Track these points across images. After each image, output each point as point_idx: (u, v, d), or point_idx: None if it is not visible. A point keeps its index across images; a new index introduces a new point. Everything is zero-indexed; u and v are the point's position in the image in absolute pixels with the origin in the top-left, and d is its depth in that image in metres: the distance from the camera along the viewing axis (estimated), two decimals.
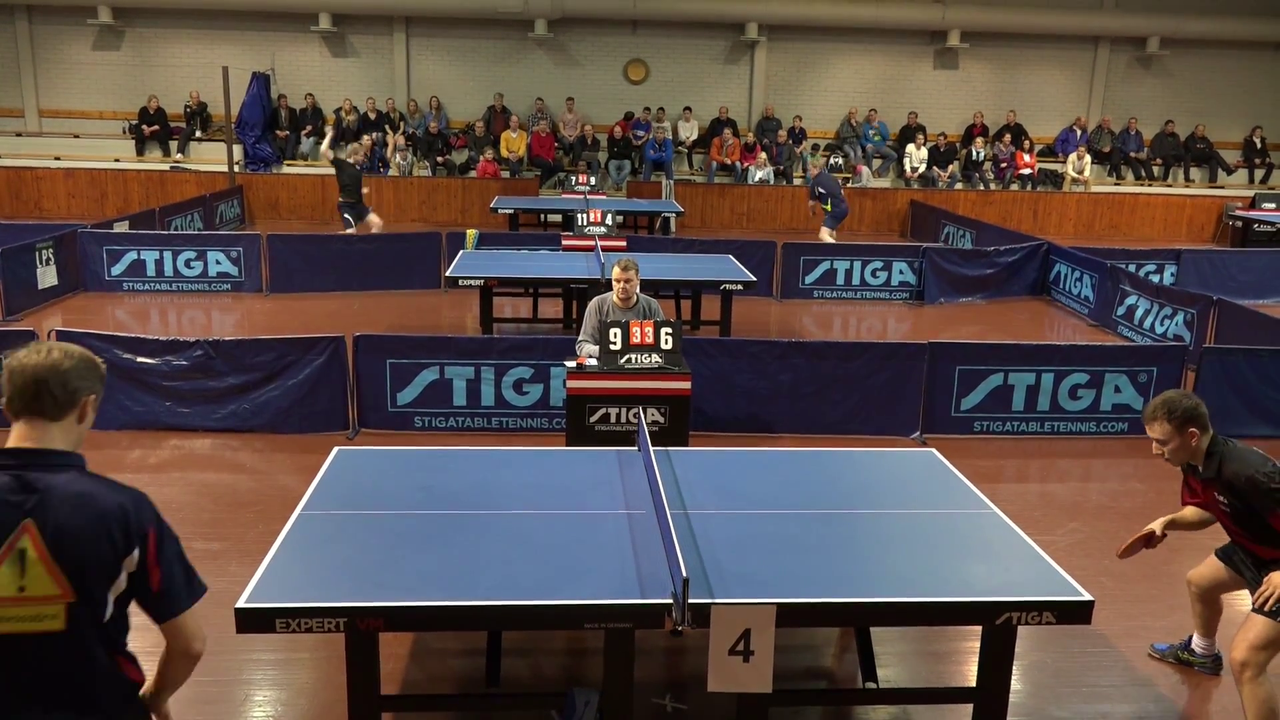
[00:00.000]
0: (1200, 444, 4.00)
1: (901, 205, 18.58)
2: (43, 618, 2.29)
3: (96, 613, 2.34)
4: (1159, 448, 4.03)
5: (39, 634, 2.29)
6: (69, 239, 11.83)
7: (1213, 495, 4.04)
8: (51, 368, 2.37)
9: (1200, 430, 3.97)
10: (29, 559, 2.27)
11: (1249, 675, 3.90)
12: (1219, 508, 4.07)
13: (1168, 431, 3.97)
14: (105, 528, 2.32)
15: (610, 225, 11.99)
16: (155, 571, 2.39)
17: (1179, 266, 13.03)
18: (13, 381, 2.37)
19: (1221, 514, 4.09)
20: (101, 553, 2.31)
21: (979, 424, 7.91)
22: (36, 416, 2.37)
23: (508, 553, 3.83)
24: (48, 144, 19.12)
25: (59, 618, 2.30)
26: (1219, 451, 3.99)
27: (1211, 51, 20.65)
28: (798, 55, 20.39)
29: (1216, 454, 3.99)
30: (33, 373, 2.35)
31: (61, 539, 2.28)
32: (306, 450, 7.02)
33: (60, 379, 2.37)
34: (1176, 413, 3.94)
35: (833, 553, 3.95)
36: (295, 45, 19.66)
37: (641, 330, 6.57)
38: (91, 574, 2.31)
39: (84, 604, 2.32)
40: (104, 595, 2.34)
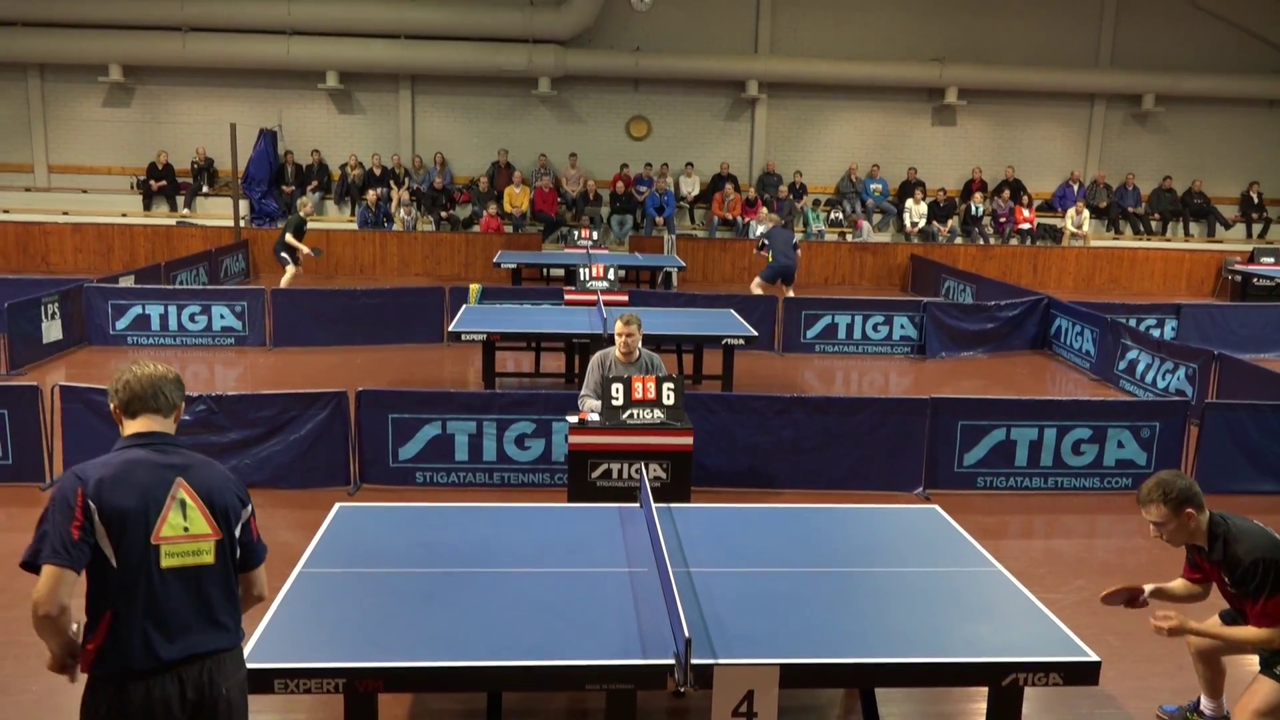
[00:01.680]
0: (1199, 524, 3.93)
1: (902, 260, 18.69)
2: (200, 553, 2.95)
3: (231, 550, 3.02)
4: (1156, 530, 3.96)
5: (198, 567, 2.94)
6: (74, 293, 11.91)
7: (1220, 575, 3.99)
8: (163, 376, 3.06)
9: (1197, 510, 3.90)
10: (189, 506, 2.95)
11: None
12: (1227, 588, 4.01)
13: (1164, 514, 3.89)
14: (231, 483, 3.08)
15: (612, 280, 12.06)
16: (254, 526, 3.12)
17: (1179, 321, 13.06)
18: (130, 387, 3.02)
19: (1229, 594, 4.03)
20: (232, 502, 3.03)
21: (982, 479, 7.88)
22: (155, 413, 3.03)
23: (508, 612, 3.80)
24: (56, 199, 19.32)
25: (210, 553, 2.97)
26: (1221, 532, 3.92)
27: (1207, 108, 20.92)
28: (798, 112, 20.66)
29: (1219, 535, 3.92)
30: (149, 379, 3.03)
31: (210, 491, 2.99)
32: (307, 506, 6.99)
33: (170, 385, 3.07)
34: (1172, 494, 3.86)
35: (837, 612, 3.92)
36: (302, 102, 19.95)
37: (643, 385, 6.58)
38: (231, 517, 3.02)
39: (226, 542, 3.00)
40: (234, 536, 3.03)
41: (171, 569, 2.90)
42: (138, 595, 2.87)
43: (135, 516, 2.86)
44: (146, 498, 2.89)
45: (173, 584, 2.90)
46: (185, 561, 2.92)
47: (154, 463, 2.95)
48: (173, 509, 2.92)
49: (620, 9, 19.74)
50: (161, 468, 2.95)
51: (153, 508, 2.89)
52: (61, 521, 2.82)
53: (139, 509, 2.87)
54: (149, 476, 2.92)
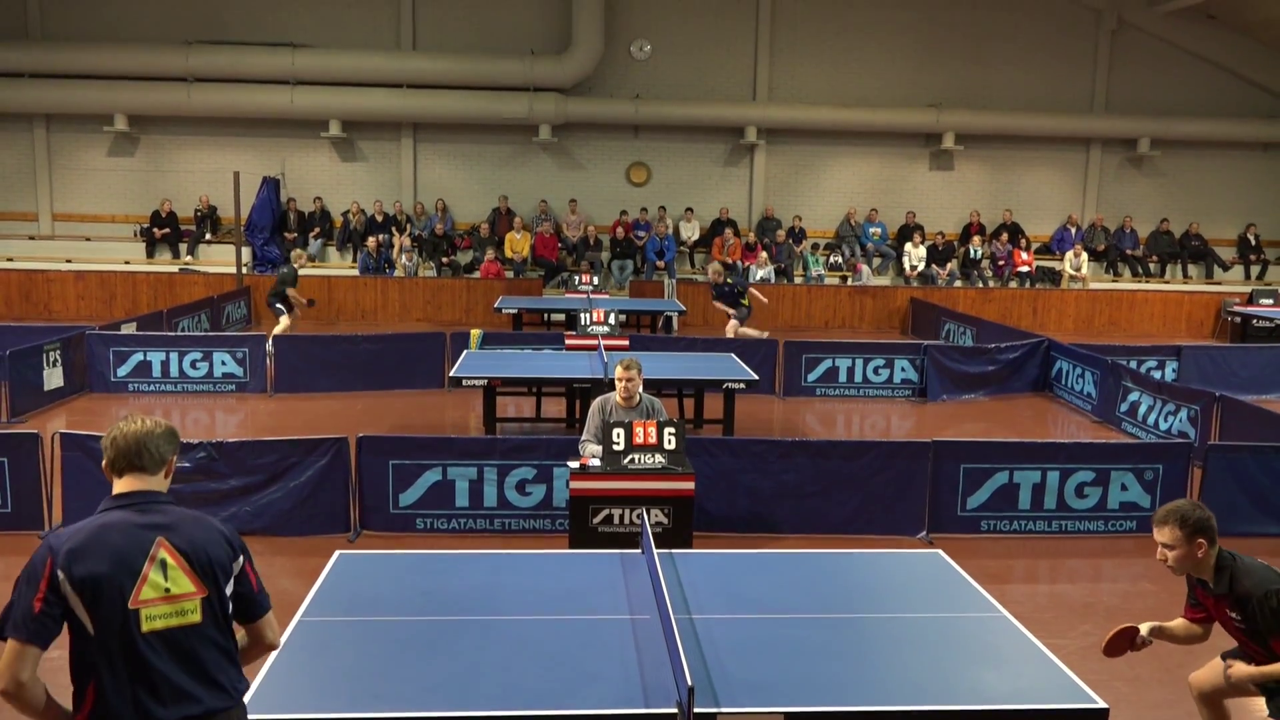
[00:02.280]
0: (1207, 557, 3.92)
1: (901, 303, 18.76)
2: (185, 613, 2.87)
3: (222, 607, 2.95)
4: (1164, 552, 3.95)
5: (183, 628, 2.86)
6: (76, 340, 11.93)
7: (1224, 611, 3.96)
8: (149, 432, 3.00)
9: (1209, 543, 3.89)
10: (169, 565, 2.87)
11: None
12: (1232, 624, 3.97)
13: (1176, 538, 3.89)
14: (221, 536, 3.00)
15: (613, 324, 12.10)
16: (252, 575, 3.05)
17: (1180, 362, 13.06)
18: (116, 445, 2.97)
19: (1235, 630, 3.99)
20: (220, 555, 2.95)
21: (986, 523, 7.84)
22: (140, 471, 2.97)
23: (509, 660, 3.76)
24: (60, 247, 19.44)
25: (196, 612, 2.89)
26: (1229, 567, 3.91)
27: (1202, 152, 21.12)
28: (796, 157, 20.86)
29: (1227, 570, 3.91)
30: (134, 436, 2.98)
31: (193, 547, 2.90)
32: (307, 553, 6.95)
33: (158, 440, 3.01)
34: (1189, 522, 3.87)
35: (841, 659, 3.88)
36: (305, 150, 20.15)
37: (645, 430, 6.58)
38: (219, 573, 2.93)
39: (215, 599, 2.92)
40: (224, 590, 2.95)
41: (154, 632, 2.83)
42: (120, 661, 2.81)
43: (109, 582, 2.79)
44: (121, 562, 2.81)
45: (158, 647, 2.83)
46: (169, 623, 2.85)
47: (132, 524, 2.88)
48: (152, 570, 2.84)
49: (620, 57, 20.02)
50: (140, 529, 2.87)
51: (128, 572, 2.81)
52: (26, 593, 2.78)
53: (112, 574, 2.79)
54: (124, 540, 2.84)
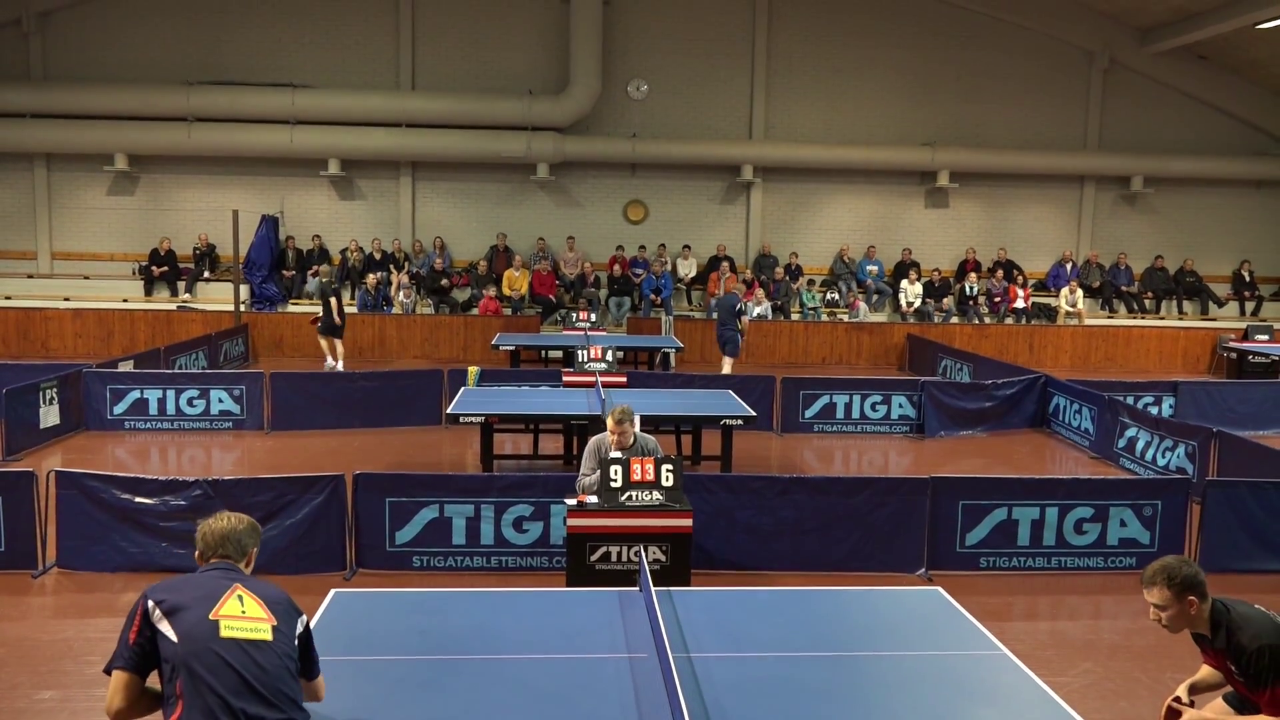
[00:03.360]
0: (1201, 612, 3.87)
1: (898, 339, 18.80)
2: (258, 630, 3.32)
3: (289, 640, 3.38)
4: (1156, 613, 3.90)
5: (255, 641, 3.29)
6: (73, 378, 11.92)
7: (1226, 665, 3.92)
8: (233, 529, 3.64)
9: (1199, 598, 3.85)
10: (245, 599, 3.39)
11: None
12: (1233, 677, 3.94)
13: (1166, 598, 3.85)
14: (285, 596, 3.51)
15: (610, 361, 12.11)
16: (311, 641, 3.51)
17: (1177, 398, 13.08)
18: (205, 539, 3.62)
19: (1237, 684, 3.95)
20: (287, 610, 3.46)
21: (985, 559, 7.80)
22: (225, 558, 3.61)
23: (506, 700, 3.73)
24: (58, 285, 19.47)
25: (268, 632, 3.33)
26: (1225, 622, 3.86)
27: (1195, 189, 21.30)
28: (792, 195, 21.00)
29: (1222, 625, 3.86)
30: (220, 533, 3.62)
31: (266, 595, 3.44)
32: (303, 591, 6.83)
33: (238, 537, 3.63)
34: (1176, 579, 3.82)
35: (840, 698, 3.85)
36: (304, 189, 20.27)
37: (642, 467, 6.56)
38: (283, 616, 3.41)
39: (283, 629, 3.37)
40: (293, 631, 3.42)
41: (232, 639, 3.26)
42: (203, 663, 3.22)
43: (195, 603, 3.33)
44: (203, 594, 3.36)
45: (235, 653, 3.24)
46: (245, 634, 3.29)
47: (215, 577, 3.47)
48: (231, 598, 3.37)
49: (617, 97, 20.21)
50: (221, 579, 3.45)
51: (209, 600, 3.34)
52: (125, 630, 3.34)
53: (198, 599, 3.34)
54: (208, 582, 3.43)
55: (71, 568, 7.33)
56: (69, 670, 5.82)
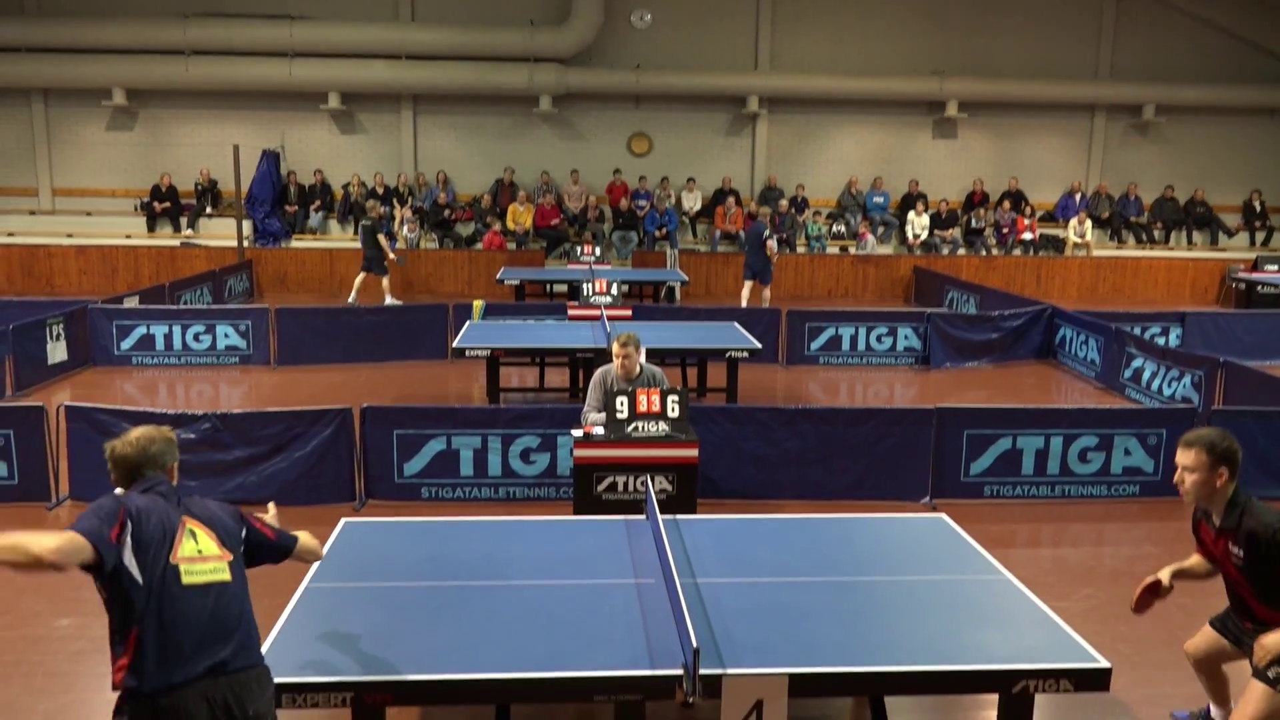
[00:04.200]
0: (1225, 488, 3.93)
1: (905, 272, 18.71)
2: (216, 571, 3.16)
3: (242, 571, 3.26)
4: (1183, 475, 3.95)
5: (213, 583, 3.14)
6: (79, 315, 11.94)
7: (1225, 546, 3.98)
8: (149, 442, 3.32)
9: (1230, 474, 3.90)
10: (198, 534, 3.19)
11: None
12: (1230, 560, 4.00)
13: (1201, 463, 3.89)
14: (216, 509, 3.32)
15: (615, 295, 12.08)
16: (262, 528, 3.41)
17: (1184, 329, 13.04)
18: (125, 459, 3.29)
19: (1231, 566, 4.02)
20: (229, 525, 3.30)
21: (989, 488, 7.86)
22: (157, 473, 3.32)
23: (515, 624, 3.79)
24: (60, 222, 19.40)
25: (226, 571, 3.19)
26: (1242, 504, 3.93)
27: (1207, 118, 20.95)
28: (798, 127, 20.73)
29: (1239, 506, 3.93)
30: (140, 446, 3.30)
31: (209, 519, 3.25)
32: (313, 522, 6.91)
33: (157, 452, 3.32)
34: (1217, 448, 3.87)
35: (845, 621, 3.90)
36: (305, 123, 20.05)
37: (648, 398, 6.58)
38: (230, 539, 3.26)
39: (236, 563, 3.23)
40: (239, 555, 3.27)
41: (192, 585, 3.10)
42: (161, 612, 3.04)
43: (155, 543, 3.09)
44: (163, 526, 3.14)
45: (194, 600, 3.09)
46: (205, 579, 3.13)
47: (163, 502, 3.22)
48: (184, 535, 3.16)
49: (620, 27, 19.85)
50: (169, 508, 3.21)
51: (168, 534, 3.13)
52: (107, 518, 3.04)
53: (156, 538, 3.10)
54: (161, 511, 3.18)
55: (85, 499, 7.42)
56: (86, 599, 5.90)
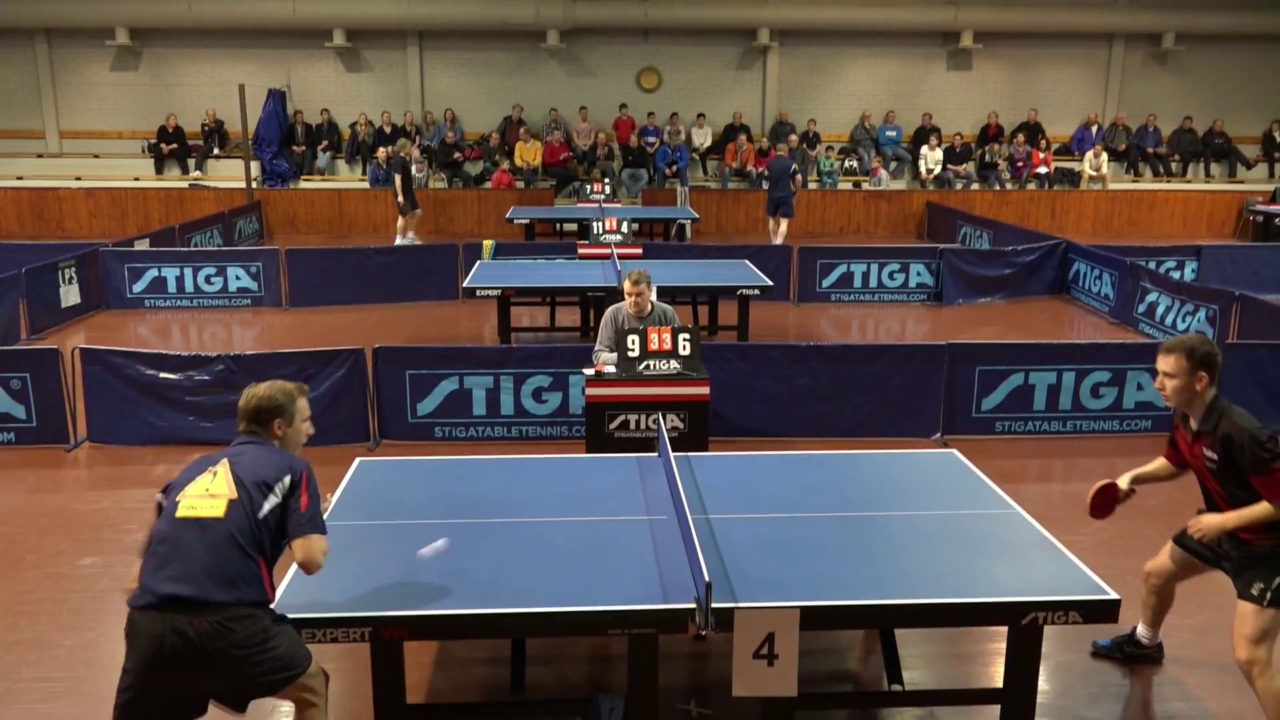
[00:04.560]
0: (1204, 392, 3.98)
1: (917, 207, 18.53)
2: (213, 507, 3.26)
3: (251, 513, 3.27)
4: (1163, 381, 4.03)
5: (204, 519, 3.24)
6: (91, 258, 11.96)
7: (1201, 449, 4.02)
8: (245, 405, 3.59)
9: (1209, 378, 3.96)
10: (220, 474, 3.35)
11: (1257, 671, 3.90)
12: (1204, 463, 4.05)
13: (1181, 368, 3.95)
14: (280, 460, 3.43)
15: (626, 233, 12.01)
16: (304, 497, 3.37)
17: (1200, 262, 12.93)
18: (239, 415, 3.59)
19: (1205, 470, 4.06)
20: (269, 473, 3.35)
21: (1000, 424, 7.87)
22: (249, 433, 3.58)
23: (530, 561, 3.84)
24: (68, 164, 19.34)
25: (222, 508, 3.26)
26: (1220, 408, 3.98)
27: (1228, 46, 20.51)
28: (810, 59, 20.39)
29: (1218, 410, 3.98)
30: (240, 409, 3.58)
31: (243, 466, 3.38)
32: (328, 462, 7.00)
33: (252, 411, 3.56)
34: (1196, 353, 3.94)
35: (856, 555, 3.94)
36: (310, 62, 19.82)
37: (659, 336, 6.57)
38: (258, 483, 3.32)
39: (243, 502, 3.27)
40: (258, 502, 3.30)
41: (183, 519, 3.26)
42: (161, 541, 3.25)
43: (181, 484, 3.39)
44: (197, 471, 3.42)
45: (184, 532, 3.23)
46: (196, 512, 3.26)
47: (223, 453, 3.47)
48: (207, 474, 3.37)
49: None
50: (222, 455, 3.46)
51: (195, 477, 3.39)
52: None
53: (187, 480, 3.40)
54: (210, 460, 3.45)
55: (102, 441, 7.51)
56: (108, 538, 6.02)
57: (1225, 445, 3.89)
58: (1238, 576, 4.01)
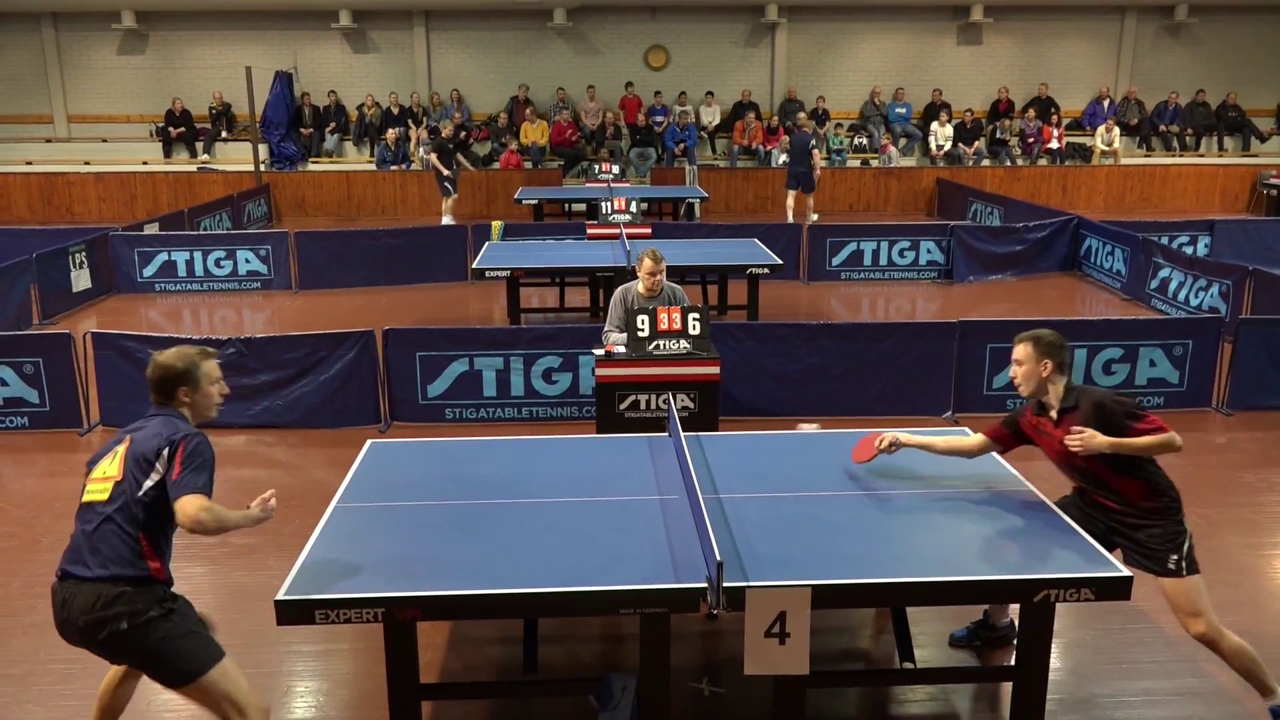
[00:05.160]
0: (1053, 382, 4.10)
1: (928, 184, 18.42)
2: (101, 490, 3.38)
3: (132, 494, 3.33)
4: (1014, 370, 4.19)
5: (94, 502, 3.37)
6: (101, 242, 11.98)
7: (1068, 430, 4.01)
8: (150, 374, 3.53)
9: (1056, 369, 4.08)
10: (118, 455, 3.42)
11: (1213, 637, 3.95)
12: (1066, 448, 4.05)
13: (1028, 355, 4.10)
14: (164, 434, 3.40)
15: (634, 213, 11.98)
16: (176, 466, 3.33)
17: (1213, 237, 12.82)
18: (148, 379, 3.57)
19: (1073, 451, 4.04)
20: (151, 449, 3.36)
21: (1011, 402, 7.81)
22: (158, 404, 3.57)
23: (541, 541, 3.84)
24: (77, 149, 19.36)
25: (106, 492, 3.36)
26: (1077, 390, 4.12)
27: (1241, 18, 20.28)
28: (818, 36, 20.24)
29: (1074, 391, 4.11)
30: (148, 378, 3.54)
31: (136, 443, 3.41)
32: (339, 444, 7.08)
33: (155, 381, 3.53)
34: (1041, 343, 4.10)
35: (867, 533, 3.94)
36: (316, 43, 19.77)
37: (669, 316, 6.57)
38: (140, 463, 3.36)
39: (127, 486, 3.34)
40: (143, 483, 3.34)
41: (84, 503, 3.42)
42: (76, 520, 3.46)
43: (97, 458, 3.51)
44: (108, 447, 3.50)
45: (84, 514, 3.40)
46: (91, 498, 3.40)
47: (130, 429, 3.53)
48: (107, 457, 3.46)
49: None
50: (123, 433, 3.52)
51: (105, 453, 3.48)
52: None
53: (100, 454, 3.51)
54: (117, 438, 3.51)
55: (115, 425, 7.54)
56: None
57: (1098, 412, 3.96)
58: (1149, 559, 4.00)
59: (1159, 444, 3.91)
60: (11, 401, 7.52)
